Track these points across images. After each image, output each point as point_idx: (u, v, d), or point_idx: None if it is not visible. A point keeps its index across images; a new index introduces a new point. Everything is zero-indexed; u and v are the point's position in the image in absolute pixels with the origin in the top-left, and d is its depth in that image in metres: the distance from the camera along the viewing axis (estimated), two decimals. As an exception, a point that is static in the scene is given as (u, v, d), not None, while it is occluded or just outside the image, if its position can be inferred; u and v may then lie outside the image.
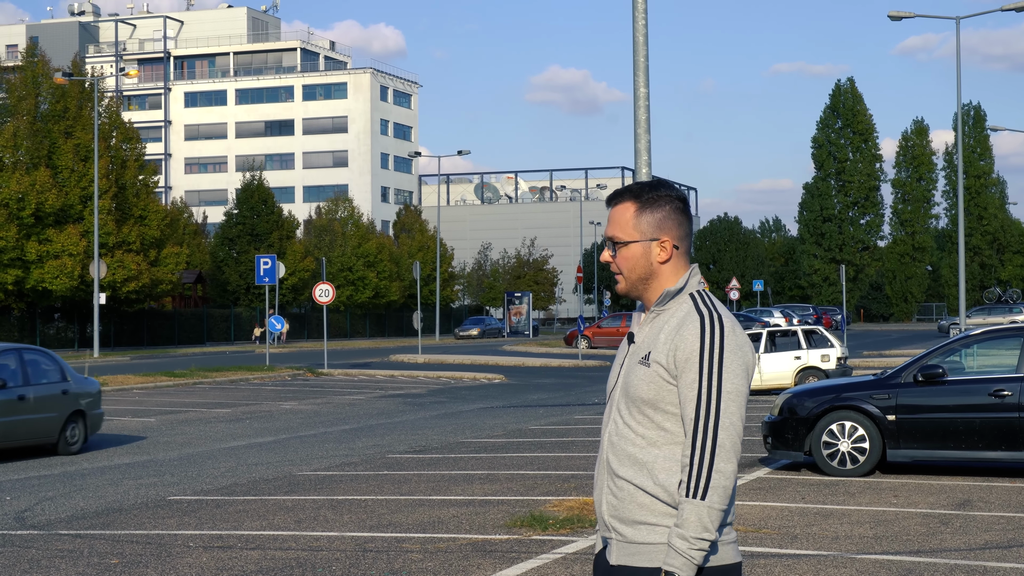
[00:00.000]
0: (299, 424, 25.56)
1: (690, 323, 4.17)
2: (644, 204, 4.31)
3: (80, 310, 69.19)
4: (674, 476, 4.13)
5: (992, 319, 72.28)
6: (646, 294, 4.34)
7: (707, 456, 4.07)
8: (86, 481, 16.63)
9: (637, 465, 4.18)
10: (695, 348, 4.13)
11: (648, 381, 4.18)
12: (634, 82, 14.98)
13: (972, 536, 12.02)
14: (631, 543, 4.19)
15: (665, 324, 4.24)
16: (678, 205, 4.32)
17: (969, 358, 17.03)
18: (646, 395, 4.18)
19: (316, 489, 15.62)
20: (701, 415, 4.09)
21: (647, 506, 4.16)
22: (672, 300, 4.28)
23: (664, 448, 4.17)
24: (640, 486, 4.16)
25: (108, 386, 35.90)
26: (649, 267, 4.31)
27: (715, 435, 4.08)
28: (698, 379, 4.11)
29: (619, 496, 4.21)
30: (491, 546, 11.58)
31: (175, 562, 11.05)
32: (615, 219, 4.35)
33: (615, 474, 4.23)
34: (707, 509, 4.04)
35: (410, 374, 43.89)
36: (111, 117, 68.96)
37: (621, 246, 4.33)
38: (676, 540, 4.05)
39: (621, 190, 4.38)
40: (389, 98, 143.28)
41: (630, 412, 4.22)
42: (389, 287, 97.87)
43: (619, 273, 4.36)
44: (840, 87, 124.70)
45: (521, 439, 21.93)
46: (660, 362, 4.17)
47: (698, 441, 4.08)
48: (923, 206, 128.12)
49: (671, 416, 4.17)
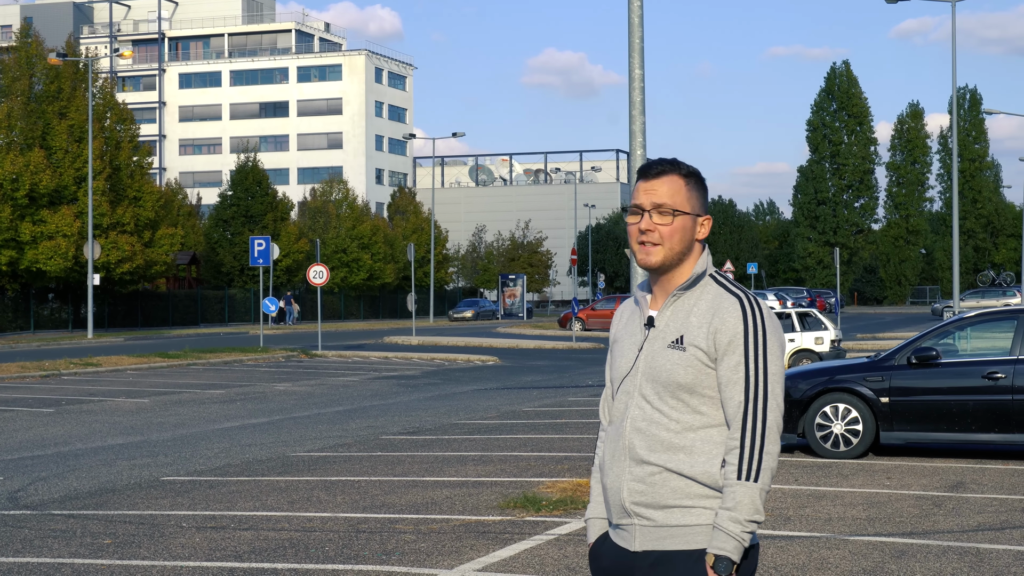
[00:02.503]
0: (293, 405, 25.56)
1: (728, 305, 4.15)
2: (690, 179, 4.26)
3: (74, 291, 69.11)
4: (715, 459, 4.09)
5: (986, 302, 72.36)
6: (674, 269, 4.25)
7: (758, 438, 4.05)
8: (79, 461, 16.62)
9: (672, 450, 4.11)
10: (738, 330, 4.10)
11: (686, 366, 4.12)
12: (629, 64, 14.94)
13: (965, 518, 12.04)
14: (662, 527, 4.12)
15: (693, 307, 4.19)
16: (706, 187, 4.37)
17: (963, 341, 17.04)
18: (684, 380, 4.12)
19: (309, 470, 15.61)
20: (750, 397, 4.07)
21: (681, 489, 4.10)
22: (698, 283, 4.24)
23: (700, 432, 4.12)
24: (676, 470, 4.10)
25: (102, 367, 35.92)
26: (690, 243, 4.24)
27: (764, 417, 4.06)
28: (743, 362, 4.08)
29: (648, 481, 4.13)
30: (484, 527, 11.59)
31: (168, 542, 11.04)
32: (666, 188, 4.23)
33: (643, 460, 4.14)
34: (759, 491, 4.04)
35: (404, 356, 43.88)
36: (105, 98, 68.79)
37: (679, 215, 4.21)
38: (728, 523, 4.02)
39: (661, 161, 4.29)
40: (384, 80, 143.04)
41: (661, 398, 4.15)
42: (383, 269, 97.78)
43: (657, 244, 4.21)
44: (835, 70, 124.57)
45: (515, 421, 21.93)
46: (699, 346, 4.12)
47: (748, 423, 4.06)
48: (917, 189, 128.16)
49: (708, 400, 4.13)
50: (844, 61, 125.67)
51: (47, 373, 33.66)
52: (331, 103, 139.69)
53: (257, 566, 10.05)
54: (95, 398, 27.15)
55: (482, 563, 10.02)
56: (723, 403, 4.11)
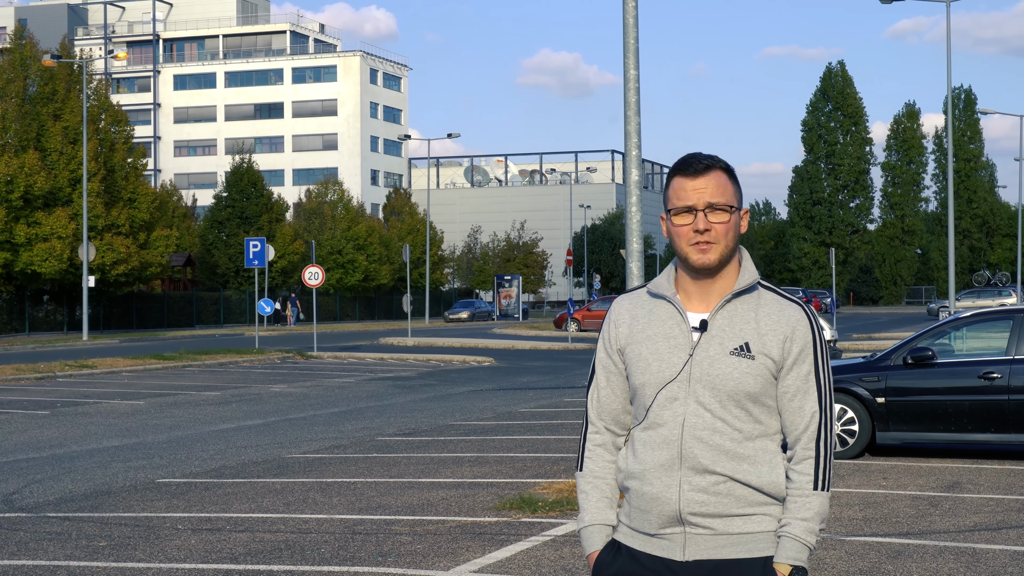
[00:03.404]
0: (288, 407, 25.53)
1: (796, 315, 4.05)
2: (731, 176, 4.10)
3: (69, 293, 69.05)
4: (776, 469, 4.01)
5: (981, 302, 72.40)
6: (725, 267, 4.08)
7: (830, 448, 4.04)
8: (75, 463, 16.59)
9: (736, 459, 3.98)
10: (808, 339, 4.03)
11: (755, 375, 3.99)
12: (624, 64, 14.94)
13: (961, 518, 12.03)
14: (721, 535, 3.99)
15: (752, 313, 4.06)
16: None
17: (959, 341, 17.03)
18: (752, 389, 3.99)
19: (305, 472, 15.60)
20: (824, 407, 4.03)
21: (744, 498, 3.99)
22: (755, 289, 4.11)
23: (758, 441, 4.02)
24: (742, 480, 3.98)
25: (97, 369, 35.88)
26: (738, 239, 4.10)
27: (831, 427, 4.05)
28: (814, 371, 4.03)
29: (712, 491, 3.97)
30: (480, 528, 11.57)
31: (163, 544, 11.02)
32: (715, 186, 4.05)
33: (708, 470, 3.97)
34: (829, 500, 4.04)
35: (400, 357, 43.85)
36: (100, 100, 68.69)
37: (735, 212, 4.06)
38: (806, 534, 3.98)
39: (704, 156, 4.10)
40: (379, 81, 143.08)
41: (724, 406, 3.99)
42: (379, 270, 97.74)
43: (714, 243, 4.03)
44: (831, 70, 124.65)
45: (511, 422, 21.92)
46: (770, 355, 4.00)
47: (822, 433, 4.02)
48: (913, 189, 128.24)
49: (767, 409, 4.03)
50: (839, 61, 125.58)
51: (42, 375, 33.62)
52: (326, 104, 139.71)
53: (253, 568, 10.03)
54: (90, 400, 27.12)
55: (478, 564, 10.01)
56: (790, 412, 4.04)
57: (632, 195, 14.95)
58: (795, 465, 4.02)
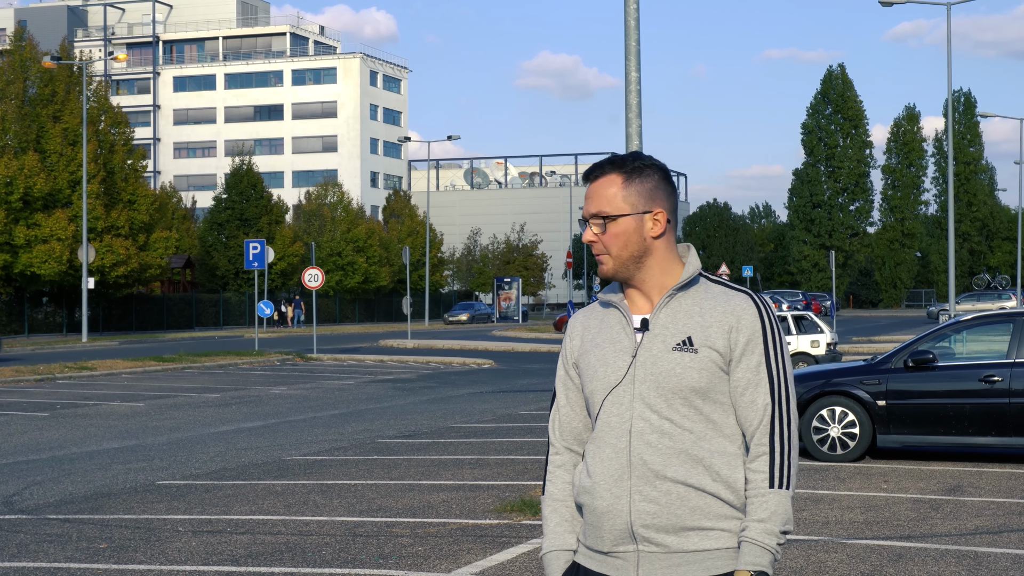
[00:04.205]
0: (288, 409, 25.52)
1: (742, 303, 3.81)
2: (631, 174, 3.87)
3: (69, 295, 69.06)
4: (735, 471, 3.75)
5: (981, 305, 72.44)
6: (638, 274, 3.88)
7: (787, 443, 3.76)
8: (75, 465, 16.58)
9: (691, 462, 3.74)
10: (756, 328, 3.79)
11: (699, 368, 3.76)
12: (625, 66, 14.93)
13: (962, 521, 12.02)
14: (675, 552, 3.74)
15: (694, 307, 3.84)
16: (664, 175, 3.93)
17: (959, 344, 17.03)
18: (697, 383, 3.75)
19: (306, 474, 15.58)
20: (776, 399, 3.77)
21: (700, 509, 3.73)
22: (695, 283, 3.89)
23: (713, 442, 3.77)
24: (697, 486, 3.73)
25: (97, 370, 35.87)
26: (643, 243, 3.86)
27: (790, 419, 3.79)
28: (765, 362, 3.78)
29: (662, 502, 3.73)
30: (481, 531, 11.56)
31: (164, 546, 11.01)
32: (599, 193, 3.88)
33: (660, 476, 3.74)
34: (790, 499, 3.75)
35: (399, 359, 43.84)
36: (99, 101, 68.73)
37: (611, 221, 3.85)
38: (763, 536, 3.69)
39: (601, 162, 3.92)
40: (379, 83, 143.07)
41: (671, 405, 3.77)
42: (378, 272, 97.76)
43: (605, 253, 3.87)
44: (831, 73, 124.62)
45: (511, 424, 21.91)
46: (714, 347, 3.77)
47: (777, 427, 3.76)
48: (913, 192, 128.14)
49: (720, 406, 3.79)
50: (840, 64, 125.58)
51: (41, 377, 33.60)
52: (326, 106, 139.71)
53: (254, 570, 10.01)
54: (90, 402, 27.11)
55: (479, 567, 9.99)
56: (742, 407, 3.79)
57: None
58: (751, 463, 3.77)
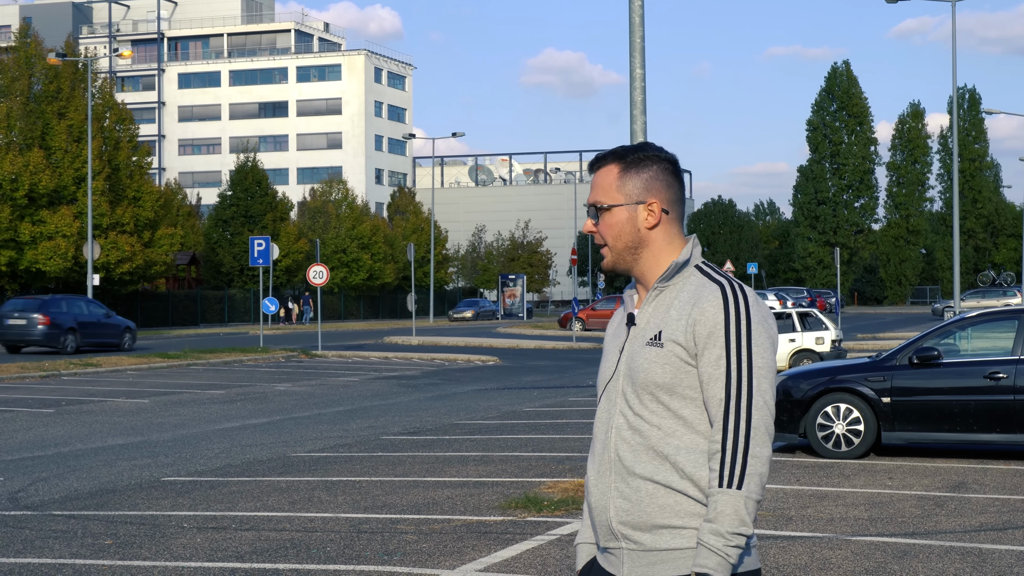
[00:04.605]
0: (293, 405, 25.54)
1: (709, 293, 3.69)
2: (628, 165, 3.83)
3: (74, 291, 68.99)
4: (702, 468, 3.64)
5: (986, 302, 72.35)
6: (636, 267, 3.85)
7: (741, 440, 3.59)
8: (80, 462, 16.60)
9: (658, 459, 3.67)
10: (719, 320, 3.65)
11: (663, 363, 3.68)
12: (630, 63, 14.92)
13: (967, 518, 12.02)
14: (651, 551, 3.69)
15: (674, 300, 3.75)
16: (666, 166, 3.85)
17: (964, 341, 17.02)
18: (661, 379, 3.68)
19: (310, 470, 15.60)
20: (732, 394, 3.62)
21: (670, 507, 3.66)
22: (679, 274, 3.79)
23: (684, 438, 3.67)
24: (664, 483, 3.66)
25: (102, 367, 35.90)
26: (636, 234, 3.82)
27: (748, 416, 3.61)
28: (725, 355, 3.63)
29: (633, 499, 3.69)
30: (486, 527, 11.57)
31: (169, 543, 11.02)
32: (598, 184, 3.86)
33: (631, 472, 3.70)
34: (744, 499, 3.56)
35: (404, 356, 43.86)
36: (104, 98, 68.76)
37: (604, 211, 3.83)
38: (709, 536, 3.56)
39: (604, 153, 3.89)
40: (383, 80, 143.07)
41: (641, 401, 3.72)
42: (383, 269, 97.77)
43: (604, 244, 3.86)
44: (836, 70, 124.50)
45: (515, 421, 21.91)
46: (677, 340, 3.67)
47: (730, 423, 3.60)
48: (918, 189, 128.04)
49: (689, 402, 3.68)
50: (844, 61, 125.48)
51: (47, 373, 33.64)
52: (330, 103, 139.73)
53: (259, 567, 10.02)
54: (95, 398, 27.14)
55: (484, 563, 10.00)
56: (705, 403, 3.67)
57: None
58: (709, 461, 3.65)
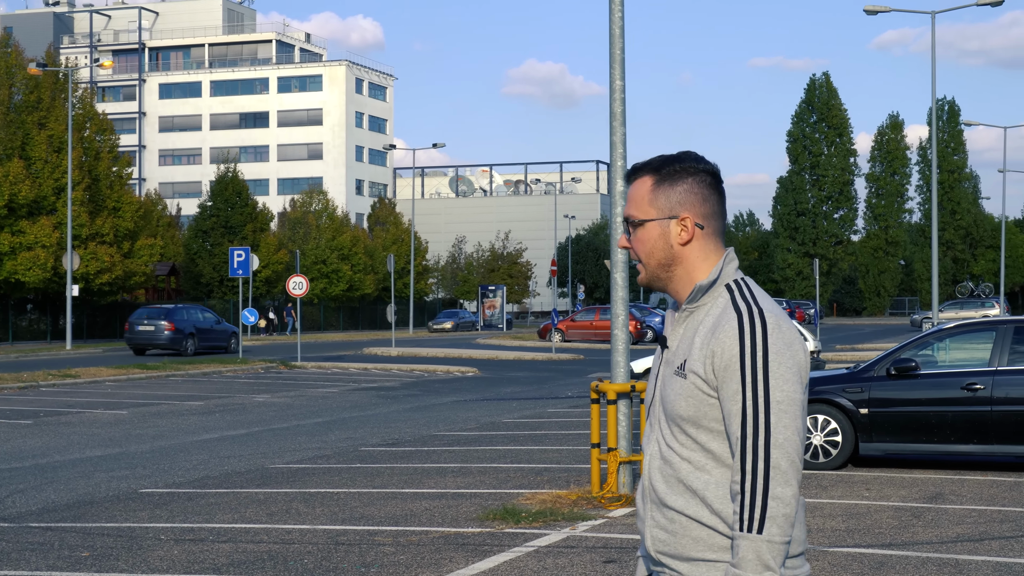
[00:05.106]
0: (272, 417, 25.49)
1: (727, 322, 3.49)
2: (663, 177, 3.63)
3: (53, 302, 68.87)
4: (729, 504, 3.48)
5: (965, 313, 72.61)
6: (671, 284, 3.66)
7: (760, 481, 3.38)
8: (57, 473, 16.54)
9: (689, 493, 3.51)
10: (734, 352, 3.44)
11: (686, 396, 3.51)
12: (610, 75, 14.97)
13: (944, 529, 12.05)
14: None
15: (700, 325, 3.57)
16: (704, 178, 3.64)
17: (942, 352, 17.07)
18: (685, 412, 3.52)
19: (288, 482, 15.57)
20: (748, 432, 3.41)
21: (704, 540, 3.50)
22: (706, 295, 3.60)
23: (715, 472, 3.50)
24: (695, 517, 3.50)
25: (81, 378, 35.78)
26: (669, 251, 3.63)
27: (767, 455, 3.39)
28: (741, 390, 3.43)
29: (670, 529, 3.54)
30: (464, 539, 11.56)
31: (146, 555, 10.99)
32: (632, 196, 3.68)
33: (663, 504, 3.56)
34: (766, 544, 3.35)
35: (383, 367, 43.81)
36: (85, 108, 68.60)
37: (636, 226, 3.65)
38: None
39: (640, 164, 3.72)
40: (364, 91, 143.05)
41: (672, 432, 3.57)
42: (363, 280, 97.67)
43: (638, 261, 3.68)
44: (815, 81, 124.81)
45: (494, 432, 21.91)
46: (697, 372, 3.49)
47: (748, 464, 3.40)
48: (897, 200, 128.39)
49: (716, 435, 3.51)
50: (824, 72, 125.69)
51: (25, 384, 33.51)
52: (311, 113, 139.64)
53: (235, 579, 10.00)
54: (73, 410, 27.05)
55: (461, 575, 10.00)
56: (728, 439, 3.49)
57: (617, 205, 14.96)
58: (732, 502, 3.48)
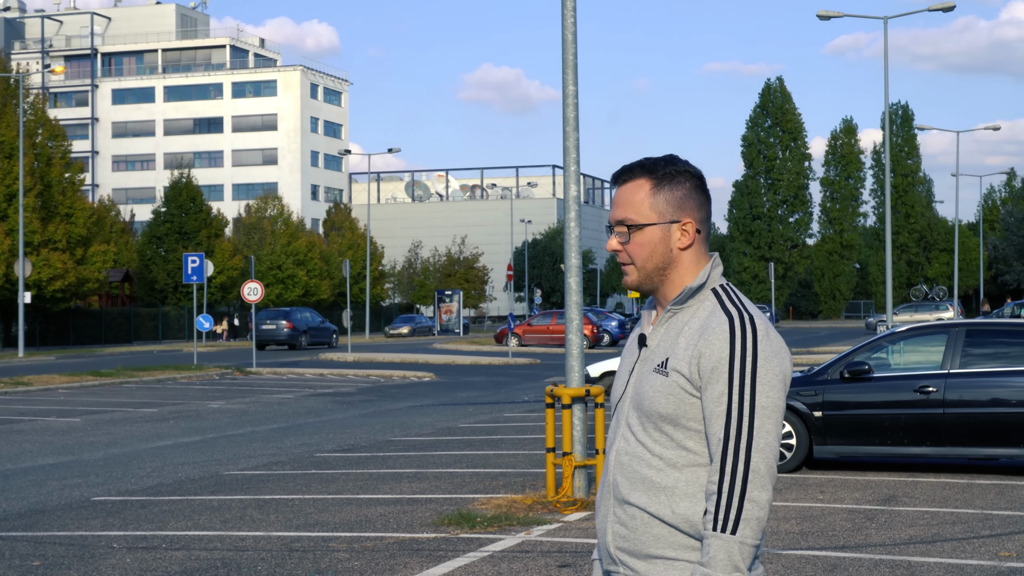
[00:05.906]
0: (226, 423, 25.37)
1: (716, 325, 3.54)
2: (661, 180, 3.65)
3: (5, 309, 68.34)
4: (698, 504, 3.52)
5: (919, 316, 73.07)
6: (663, 287, 3.69)
7: (738, 483, 3.44)
8: (8, 482, 16.41)
9: (654, 490, 3.55)
10: (723, 355, 3.49)
11: (667, 393, 3.55)
12: (563, 80, 14.97)
13: (897, 531, 12.11)
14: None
15: (685, 326, 3.61)
16: (697, 183, 3.70)
17: (895, 355, 17.15)
18: (664, 409, 3.55)
19: (243, 489, 15.50)
20: (731, 435, 3.46)
21: (664, 538, 3.54)
22: (692, 298, 3.65)
23: (686, 471, 3.55)
24: (656, 515, 3.54)
25: (33, 386, 35.53)
26: (668, 255, 3.66)
27: (748, 458, 3.45)
28: (727, 392, 3.48)
29: (629, 526, 3.58)
30: (418, 545, 11.53)
31: (98, 563, 10.91)
32: (626, 199, 3.67)
33: (625, 500, 3.60)
34: (739, 545, 3.41)
35: (339, 372, 43.71)
36: (36, 114, 68.14)
37: (635, 230, 3.65)
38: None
39: (631, 165, 3.71)
40: (319, 96, 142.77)
41: (644, 428, 3.60)
42: (319, 285, 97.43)
43: (629, 263, 3.68)
44: (769, 86, 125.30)
45: (450, 437, 21.88)
46: (681, 371, 3.54)
47: (727, 465, 3.45)
48: (851, 204, 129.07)
49: (694, 434, 3.55)
50: (778, 77, 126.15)
51: (-23, 392, 33.23)
52: (266, 119, 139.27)
53: (188, 587, 9.94)
54: (25, 417, 26.84)
55: (416, 581, 9.97)
56: (707, 439, 3.53)
57: (571, 210, 14.96)
58: (706, 501, 3.52)
